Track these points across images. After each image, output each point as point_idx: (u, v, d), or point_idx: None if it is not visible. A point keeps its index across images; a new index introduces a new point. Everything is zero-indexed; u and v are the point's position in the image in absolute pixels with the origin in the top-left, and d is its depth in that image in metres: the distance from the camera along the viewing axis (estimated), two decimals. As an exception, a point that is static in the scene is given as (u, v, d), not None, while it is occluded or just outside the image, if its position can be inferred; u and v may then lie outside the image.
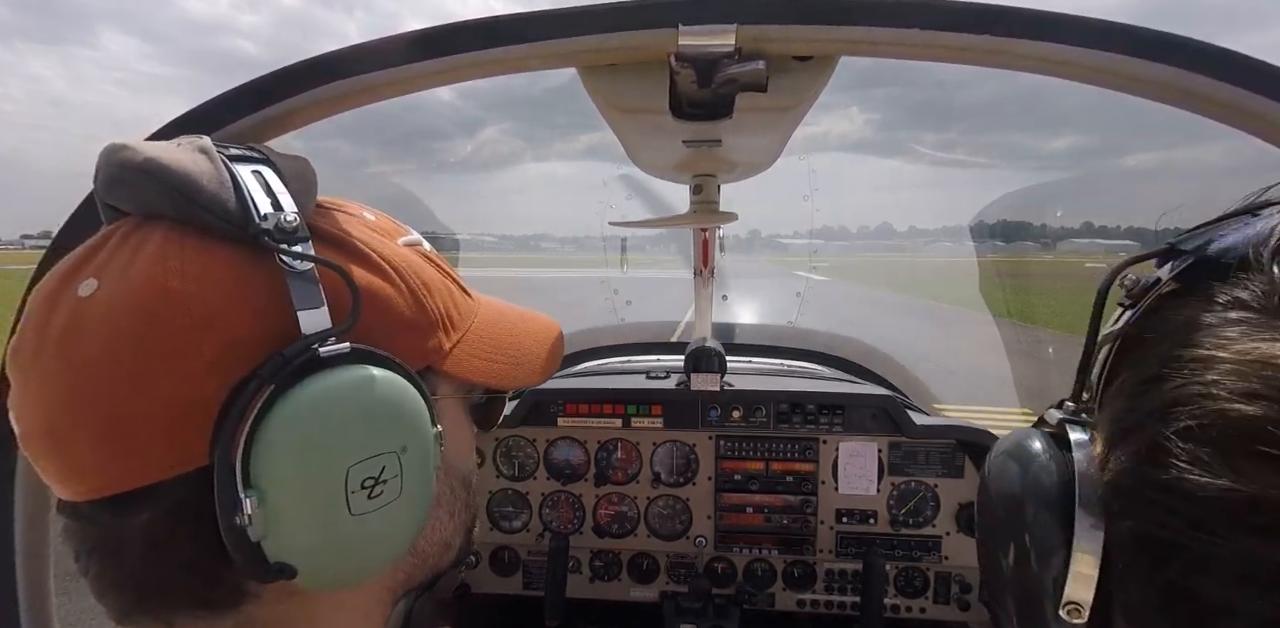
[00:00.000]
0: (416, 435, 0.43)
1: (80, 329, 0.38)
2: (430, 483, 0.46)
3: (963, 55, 0.51)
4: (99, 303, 0.38)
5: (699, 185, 1.00)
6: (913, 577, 1.34)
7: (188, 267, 0.38)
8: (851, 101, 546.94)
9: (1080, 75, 0.50)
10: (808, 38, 0.51)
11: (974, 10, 0.48)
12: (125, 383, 0.37)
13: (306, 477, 0.38)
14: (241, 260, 0.40)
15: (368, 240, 0.46)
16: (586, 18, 0.52)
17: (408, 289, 0.46)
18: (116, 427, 0.37)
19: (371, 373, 0.41)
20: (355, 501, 0.40)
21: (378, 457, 0.40)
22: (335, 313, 0.40)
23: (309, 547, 0.39)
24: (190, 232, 0.40)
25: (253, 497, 0.37)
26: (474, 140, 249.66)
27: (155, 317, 0.37)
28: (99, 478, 0.38)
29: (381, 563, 0.44)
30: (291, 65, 0.55)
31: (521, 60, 0.54)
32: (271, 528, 0.38)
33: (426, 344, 0.48)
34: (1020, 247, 3.69)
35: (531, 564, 1.42)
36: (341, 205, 0.49)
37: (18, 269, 25.48)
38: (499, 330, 0.56)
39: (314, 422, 0.38)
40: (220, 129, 0.56)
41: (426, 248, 0.53)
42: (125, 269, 0.39)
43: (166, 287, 0.38)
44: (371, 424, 0.41)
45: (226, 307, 0.38)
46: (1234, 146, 0.54)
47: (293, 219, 0.40)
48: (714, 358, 1.35)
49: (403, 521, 0.44)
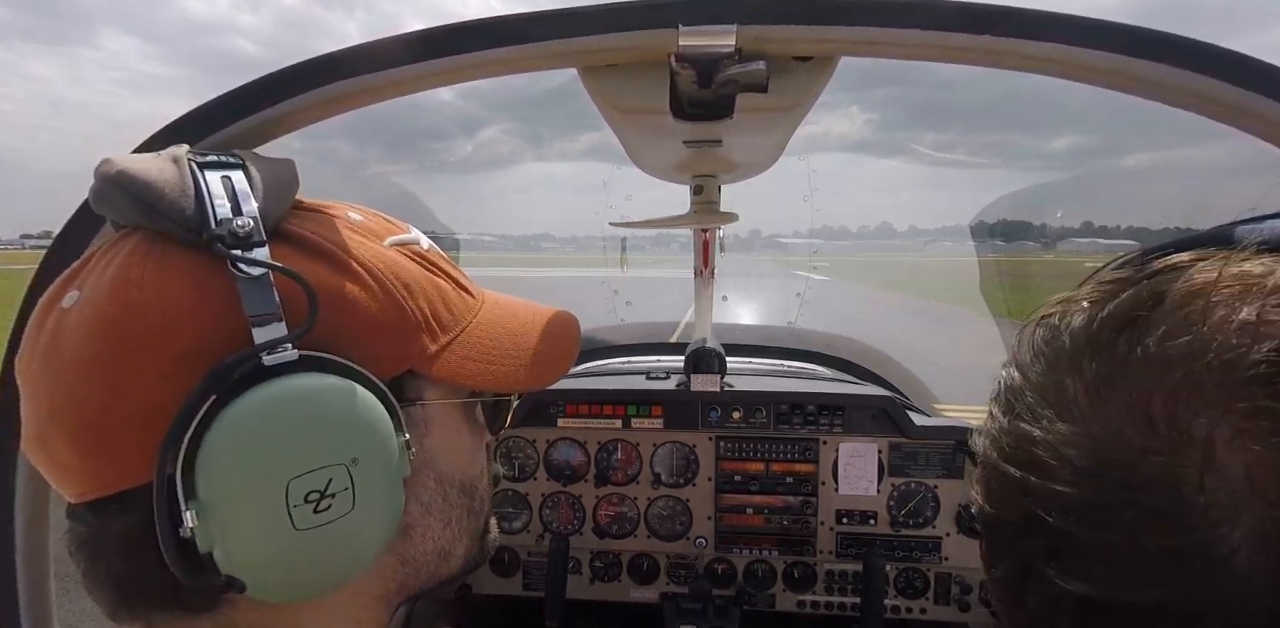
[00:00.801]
0: (372, 446, 0.41)
1: (60, 339, 0.39)
2: (396, 494, 0.44)
3: (963, 55, 0.51)
4: (74, 314, 0.39)
5: (699, 186, 1.00)
6: (913, 578, 1.34)
7: (147, 276, 0.39)
8: (851, 101, 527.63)
9: (1080, 75, 0.50)
10: (808, 38, 0.51)
11: (974, 10, 0.48)
12: (95, 393, 0.38)
13: (245, 490, 0.38)
14: (200, 268, 0.39)
15: (341, 242, 0.44)
16: (587, 18, 0.52)
17: (382, 291, 0.44)
18: (90, 435, 0.38)
19: (320, 382, 0.39)
20: (299, 515, 0.38)
21: (322, 470, 0.39)
22: (294, 319, 0.39)
23: (254, 562, 0.39)
24: (158, 241, 0.40)
25: (195, 509, 0.36)
26: (474, 140, 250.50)
27: (116, 327, 0.38)
28: (82, 483, 0.39)
29: (341, 577, 0.43)
30: (291, 66, 0.55)
31: (522, 60, 0.54)
32: (219, 542, 0.37)
33: (406, 347, 0.46)
34: (1020, 246, 3.69)
35: (531, 565, 1.42)
36: (324, 207, 0.48)
37: (18, 269, 25.50)
38: (501, 330, 0.54)
39: (252, 434, 0.38)
40: (220, 130, 0.56)
41: (423, 246, 0.51)
42: (98, 280, 0.40)
43: (126, 297, 0.38)
44: (315, 436, 0.39)
45: (181, 316, 0.38)
46: (1234, 146, 0.54)
47: (246, 223, 0.40)
48: (714, 359, 1.35)
49: (361, 534, 0.42)
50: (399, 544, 0.48)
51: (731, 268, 1.66)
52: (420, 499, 0.49)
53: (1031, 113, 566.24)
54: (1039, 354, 0.35)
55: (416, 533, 0.49)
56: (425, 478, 0.49)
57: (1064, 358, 0.33)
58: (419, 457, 0.47)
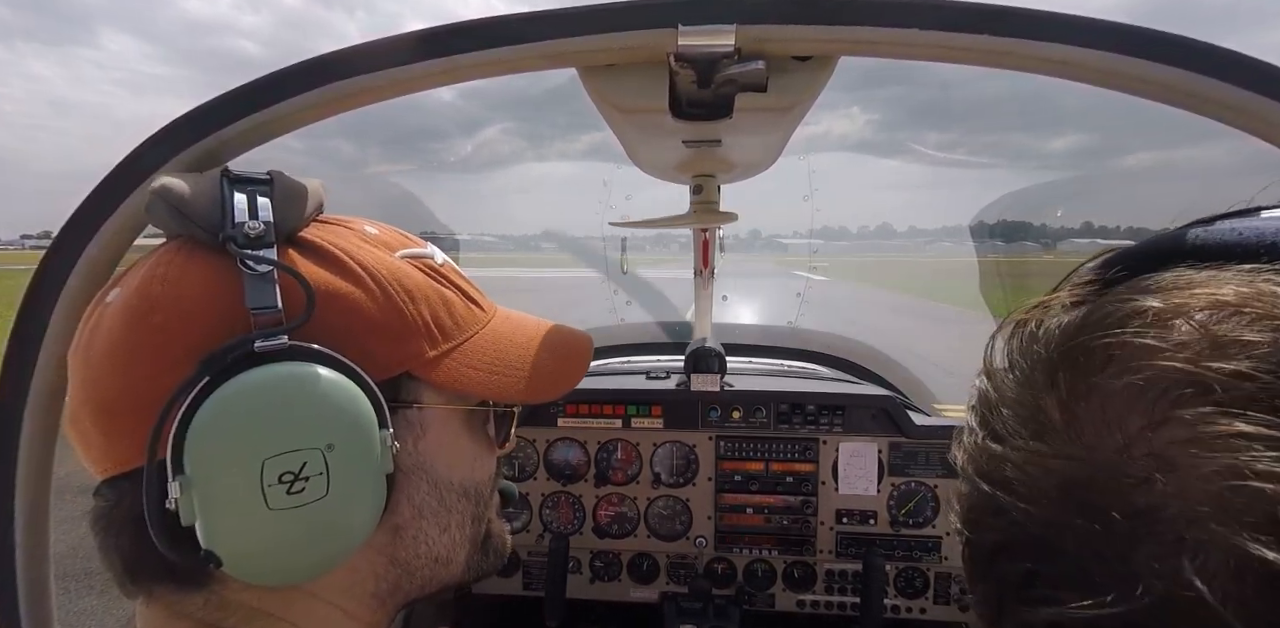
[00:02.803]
0: (350, 435, 0.43)
1: (97, 330, 0.44)
2: (376, 488, 0.45)
3: (963, 55, 0.51)
4: (111, 308, 0.44)
5: (699, 185, 1.00)
6: (913, 577, 1.34)
7: (170, 274, 0.43)
8: (852, 101, 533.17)
9: (1081, 75, 0.50)
10: (807, 38, 0.51)
11: (974, 10, 0.48)
12: (116, 376, 0.42)
13: (225, 466, 0.40)
14: (216, 267, 0.43)
15: (348, 249, 0.47)
16: (586, 18, 0.51)
17: (382, 294, 0.47)
18: (110, 416, 0.43)
19: (305, 369, 0.42)
20: (273, 495, 0.40)
21: (296, 452, 0.41)
22: (293, 314, 0.42)
23: (231, 538, 0.41)
24: (187, 245, 0.45)
25: (180, 483, 0.39)
26: (474, 140, 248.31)
27: (138, 318, 0.42)
28: (103, 460, 0.44)
29: (317, 563, 0.44)
30: (291, 66, 0.55)
31: (521, 60, 0.54)
32: (200, 516, 0.40)
33: (402, 350, 0.47)
34: (1020, 246, 3.69)
35: (532, 565, 1.42)
36: (343, 221, 0.52)
37: (18, 269, 25.51)
38: (508, 343, 0.55)
39: (234, 413, 0.40)
40: (219, 130, 0.55)
41: (437, 261, 0.54)
42: (132, 279, 0.45)
43: (150, 292, 0.43)
44: (292, 418, 0.41)
45: (195, 309, 0.42)
46: (1235, 146, 0.54)
47: (258, 226, 0.43)
48: (714, 358, 1.35)
49: (336, 522, 0.43)
50: (390, 545, 0.49)
51: (731, 268, 1.67)
52: (412, 501, 0.49)
53: (1032, 112, 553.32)
54: (1014, 365, 0.34)
55: (408, 535, 0.50)
56: (418, 480, 0.50)
57: (1040, 371, 0.32)
58: (412, 459, 0.49)
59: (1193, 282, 0.30)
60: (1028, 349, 0.34)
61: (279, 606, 0.46)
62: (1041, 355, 0.32)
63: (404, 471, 0.48)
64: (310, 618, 0.47)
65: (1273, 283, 0.28)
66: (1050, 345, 0.32)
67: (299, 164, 0.48)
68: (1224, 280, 0.29)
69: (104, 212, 0.56)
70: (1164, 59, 0.47)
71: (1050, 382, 0.31)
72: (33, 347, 0.58)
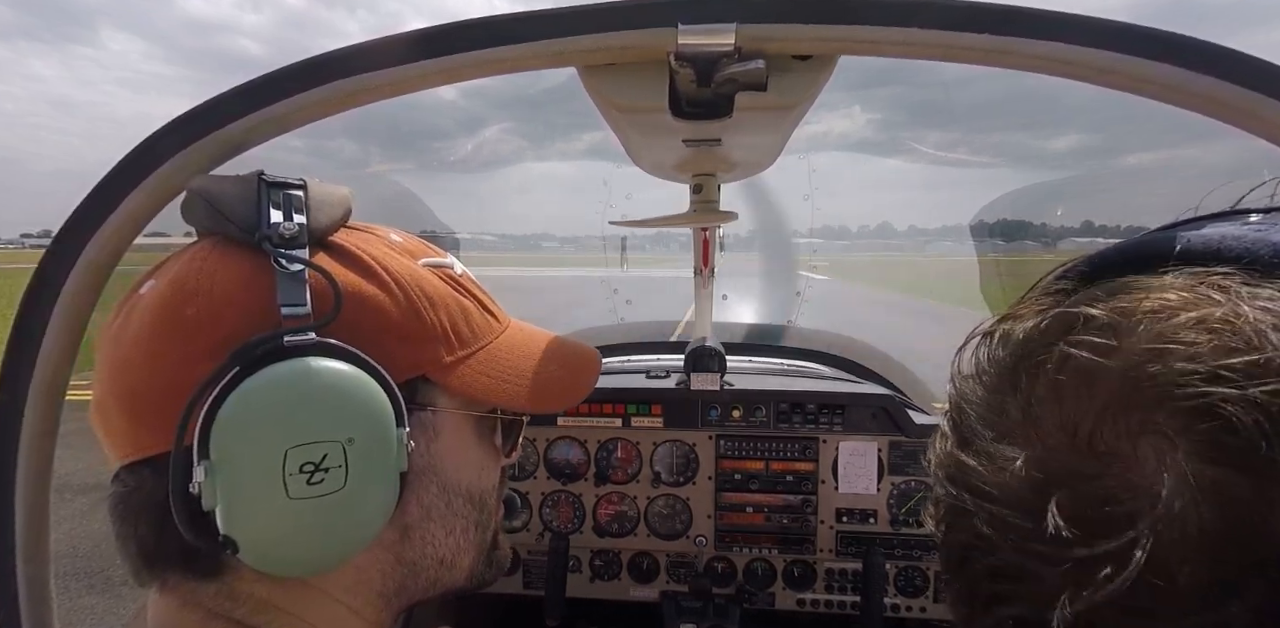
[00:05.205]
0: (369, 430, 0.44)
1: (130, 318, 0.46)
2: (390, 484, 0.46)
3: (963, 55, 0.51)
4: (145, 298, 0.46)
5: (699, 185, 1.00)
6: (913, 576, 1.35)
7: (205, 269, 0.45)
8: (853, 101, 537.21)
9: (1082, 75, 0.50)
10: (808, 37, 0.51)
11: (974, 10, 0.48)
12: (146, 363, 0.44)
13: (250, 453, 0.41)
14: (251, 265, 0.45)
15: (375, 254, 0.49)
16: (586, 17, 0.51)
17: (405, 298, 0.48)
18: (136, 401, 0.44)
19: (331, 364, 0.43)
20: (293, 484, 0.41)
21: (318, 443, 0.42)
22: (321, 312, 0.44)
23: (250, 524, 0.42)
24: (222, 242, 0.47)
25: (205, 468, 0.40)
26: (474, 139, 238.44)
27: (172, 309, 0.44)
28: (126, 445, 0.45)
29: (331, 555, 0.45)
30: (291, 65, 0.55)
31: (521, 60, 0.54)
32: (221, 501, 0.41)
33: (421, 353, 0.49)
34: (1020, 246, 3.69)
35: (531, 564, 1.42)
36: (370, 228, 0.54)
37: (18, 268, 25.51)
38: (520, 353, 0.57)
39: (262, 402, 0.41)
40: (219, 129, 0.55)
41: (456, 271, 0.55)
42: (167, 271, 0.47)
43: (185, 285, 0.45)
44: (317, 410, 0.42)
45: (228, 303, 0.44)
46: (1235, 146, 0.54)
47: (292, 227, 0.45)
48: (714, 357, 1.35)
49: (351, 515, 0.44)
50: (397, 544, 0.50)
51: (731, 267, 1.66)
52: (421, 502, 0.50)
53: (1033, 112, 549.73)
54: (981, 371, 0.36)
55: (415, 535, 0.51)
56: (428, 482, 0.51)
57: (1005, 374, 0.33)
58: (424, 460, 0.50)
59: (1140, 287, 0.31)
60: (994, 356, 0.35)
61: (288, 600, 0.47)
62: (1006, 362, 0.34)
63: (416, 471, 0.49)
64: (318, 614, 0.48)
65: (1213, 287, 0.29)
66: (1015, 351, 0.34)
67: (299, 163, 0.49)
68: (1168, 286, 0.30)
69: (106, 208, 0.56)
70: (1165, 58, 0.46)
71: (1013, 385, 0.32)
72: (32, 346, 0.58)
